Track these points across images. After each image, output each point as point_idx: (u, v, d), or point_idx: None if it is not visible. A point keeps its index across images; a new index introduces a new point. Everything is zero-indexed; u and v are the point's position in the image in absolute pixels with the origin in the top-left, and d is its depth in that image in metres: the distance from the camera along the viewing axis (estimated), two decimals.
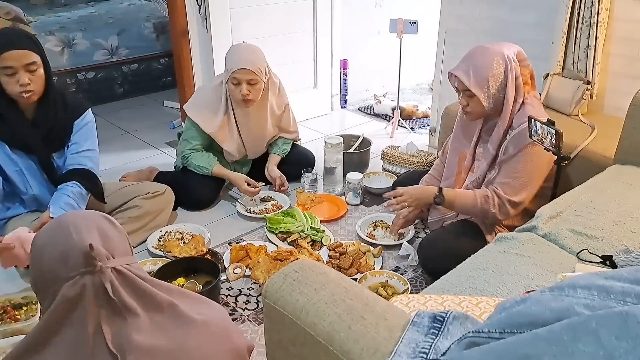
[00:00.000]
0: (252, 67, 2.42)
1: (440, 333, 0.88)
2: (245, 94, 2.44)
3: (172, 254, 2.17)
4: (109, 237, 1.08)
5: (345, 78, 3.97)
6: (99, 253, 1.02)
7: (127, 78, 4.30)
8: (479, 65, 1.88)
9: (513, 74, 1.90)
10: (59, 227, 1.07)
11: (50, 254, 1.04)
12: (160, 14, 4.18)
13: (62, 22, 4.28)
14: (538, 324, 0.69)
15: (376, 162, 3.05)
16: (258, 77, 2.45)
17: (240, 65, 2.41)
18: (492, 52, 1.90)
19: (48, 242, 1.06)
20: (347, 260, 2.12)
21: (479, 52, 1.92)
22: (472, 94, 1.89)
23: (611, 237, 1.54)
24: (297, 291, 1.04)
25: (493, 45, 1.94)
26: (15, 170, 2.03)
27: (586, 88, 2.47)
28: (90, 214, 1.13)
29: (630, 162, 2.00)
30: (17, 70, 1.87)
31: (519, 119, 1.92)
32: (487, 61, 1.88)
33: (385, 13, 3.94)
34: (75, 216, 1.10)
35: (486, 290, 1.34)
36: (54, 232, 1.08)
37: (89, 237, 1.03)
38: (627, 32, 2.45)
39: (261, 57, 2.51)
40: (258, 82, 2.46)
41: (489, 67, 1.88)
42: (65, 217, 1.11)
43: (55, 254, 1.03)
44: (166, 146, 3.38)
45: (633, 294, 0.67)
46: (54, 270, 1.03)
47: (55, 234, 1.06)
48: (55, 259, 1.03)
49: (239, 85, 2.43)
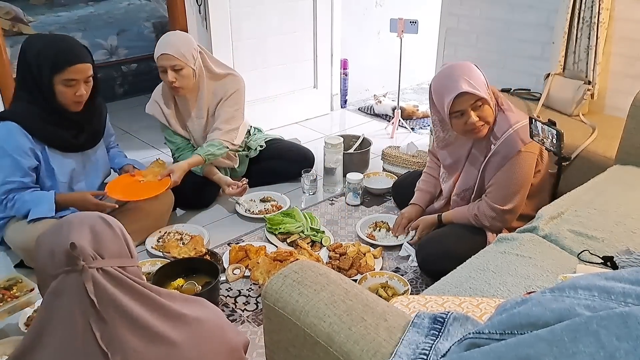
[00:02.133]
0: (174, 52, 2.35)
1: (441, 334, 0.87)
2: (171, 81, 2.38)
3: (171, 255, 2.17)
4: (101, 237, 1.08)
5: (346, 78, 3.96)
6: (82, 252, 1.03)
7: (127, 78, 4.30)
8: (471, 75, 1.85)
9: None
10: (56, 224, 1.10)
11: (43, 251, 1.07)
12: (159, 13, 4.18)
13: (61, 22, 4.28)
14: (539, 325, 0.68)
15: (376, 163, 3.05)
16: (182, 63, 2.37)
17: (161, 50, 2.37)
18: (467, 63, 1.90)
19: (43, 239, 1.09)
20: (347, 261, 2.11)
21: (459, 66, 1.88)
22: (483, 103, 1.86)
23: (612, 237, 1.54)
24: (297, 292, 1.04)
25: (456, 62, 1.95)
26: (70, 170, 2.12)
27: (587, 88, 2.47)
28: (89, 214, 1.13)
29: (631, 163, 1.99)
30: (78, 82, 1.94)
31: (499, 124, 1.91)
32: (473, 70, 1.88)
33: (386, 13, 3.94)
34: (75, 216, 1.13)
35: (487, 291, 1.34)
36: (50, 229, 1.10)
37: (77, 236, 1.04)
38: (627, 32, 2.45)
39: (187, 42, 2.41)
40: (183, 68, 2.38)
41: (478, 74, 1.88)
42: (65, 217, 1.13)
43: (46, 251, 1.06)
44: (166, 146, 3.36)
45: (634, 294, 0.67)
46: (45, 267, 1.06)
47: (50, 231, 1.09)
48: (45, 256, 1.06)
49: (165, 72, 2.39)
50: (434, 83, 1.95)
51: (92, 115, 2.14)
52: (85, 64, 1.94)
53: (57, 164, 2.07)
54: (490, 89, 1.92)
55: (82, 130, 2.12)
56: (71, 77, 1.92)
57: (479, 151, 1.98)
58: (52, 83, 1.92)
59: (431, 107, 2.03)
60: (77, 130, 2.10)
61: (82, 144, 2.14)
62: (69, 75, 1.91)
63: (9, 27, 3.81)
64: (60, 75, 1.91)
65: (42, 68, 1.90)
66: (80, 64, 1.92)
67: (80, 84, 1.95)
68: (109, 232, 1.10)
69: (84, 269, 1.02)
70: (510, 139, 1.86)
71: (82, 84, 1.96)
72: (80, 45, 2.01)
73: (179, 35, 2.48)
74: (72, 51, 1.93)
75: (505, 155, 1.88)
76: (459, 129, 1.92)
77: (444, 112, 1.89)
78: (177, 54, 2.36)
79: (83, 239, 1.05)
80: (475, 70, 1.88)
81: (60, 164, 2.08)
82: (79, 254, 1.02)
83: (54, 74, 1.91)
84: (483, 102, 1.85)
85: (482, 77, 1.88)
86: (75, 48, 1.96)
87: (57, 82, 1.92)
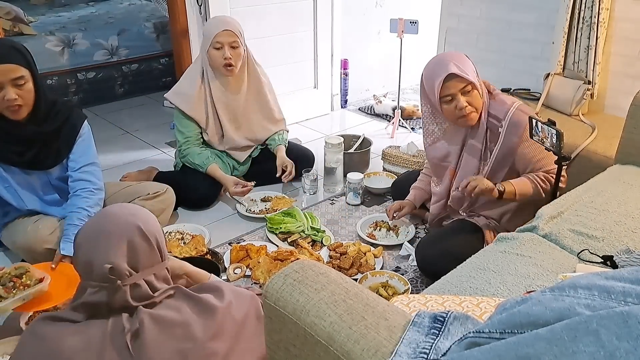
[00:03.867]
0: (234, 29, 2.46)
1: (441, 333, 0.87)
2: (228, 57, 2.45)
3: (172, 254, 2.17)
4: (137, 252, 1.17)
5: (346, 78, 3.96)
6: (119, 273, 1.13)
7: (127, 78, 4.30)
8: (460, 61, 1.88)
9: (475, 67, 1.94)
10: (94, 231, 1.18)
11: (82, 256, 1.17)
12: (160, 13, 4.18)
13: (62, 22, 4.29)
14: (539, 324, 0.69)
15: (377, 162, 3.05)
16: (239, 40, 2.48)
17: (222, 27, 2.45)
18: (457, 52, 1.95)
19: (82, 244, 1.18)
20: (348, 260, 2.11)
21: (449, 54, 1.93)
22: (471, 88, 1.88)
23: (612, 237, 1.54)
24: (298, 291, 1.04)
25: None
26: (6, 187, 1.97)
27: (587, 88, 2.47)
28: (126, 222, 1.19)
29: (631, 162, 1.99)
30: (4, 85, 1.78)
31: (496, 108, 1.93)
32: (463, 57, 1.91)
33: (386, 13, 3.94)
34: (112, 222, 1.19)
35: (487, 290, 1.34)
36: (88, 235, 1.18)
37: (114, 254, 1.14)
38: (627, 32, 2.45)
39: (238, 23, 2.54)
40: (239, 47, 2.49)
41: (468, 62, 1.91)
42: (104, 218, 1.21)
43: (85, 259, 1.16)
44: (166, 146, 3.38)
45: (634, 294, 0.67)
46: (84, 271, 1.17)
47: (89, 239, 1.17)
48: (84, 263, 1.16)
49: (221, 49, 2.45)
50: (425, 71, 1.98)
51: (39, 124, 1.92)
52: (7, 64, 1.77)
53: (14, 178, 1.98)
54: (481, 80, 1.94)
55: (30, 141, 1.93)
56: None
57: (478, 140, 1.98)
58: None
59: (422, 98, 2.05)
60: (23, 146, 1.92)
61: (28, 162, 1.95)
62: None
63: (10, 27, 3.82)
64: None
65: None
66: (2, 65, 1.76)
67: (7, 86, 1.78)
68: (145, 246, 1.18)
69: (119, 286, 1.13)
70: (515, 116, 1.88)
71: (10, 87, 1.79)
72: (6, 45, 1.85)
73: (230, 17, 2.59)
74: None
75: (517, 134, 1.88)
76: (449, 114, 1.93)
77: (434, 97, 1.91)
78: (237, 32, 2.47)
79: (120, 257, 1.14)
80: (465, 58, 1.91)
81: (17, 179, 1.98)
82: (117, 275, 1.12)
83: None
84: (472, 87, 1.87)
85: (472, 66, 1.91)
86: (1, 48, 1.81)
87: None
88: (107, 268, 1.11)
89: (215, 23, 2.50)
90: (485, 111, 1.94)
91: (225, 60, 2.46)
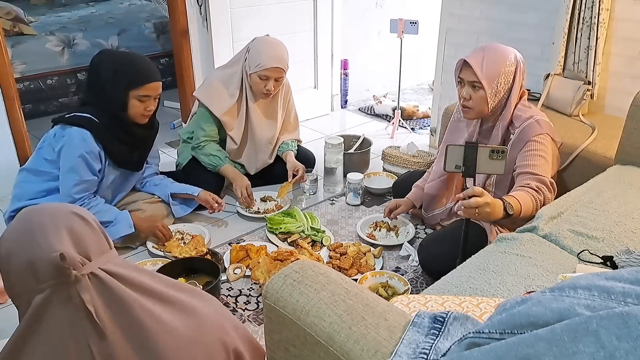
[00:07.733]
0: (284, 66, 2.50)
1: (441, 334, 0.88)
2: (270, 90, 2.50)
3: (172, 254, 2.17)
4: (82, 237, 0.97)
5: (346, 78, 3.97)
6: (71, 261, 0.92)
7: None
8: (494, 58, 1.86)
9: (521, 77, 1.91)
10: (25, 230, 0.96)
11: (17, 264, 0.93)
12: (160, 14, 4.18)
13: (62, 22, 4.28)
14: (539, 325, 0.69)
15: (377, 163, 3.05)
16: (284, 74, 2.54)
17: (274, 63, 2.46)
18: (507, 49, 1.90)
19: (14, 250, 0.94)
20: (348, 260, 2.12)
21: (495, 46, 1.90)
22: (479, 87, 1.87)
23: (612, 237, 1.54)
24: (298, 291, 1.04)
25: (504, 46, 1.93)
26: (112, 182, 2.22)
27: (587, 88, 2.47)
28: (57, 211, 1.00)
29: (631, 163, 1.99)
30: (150, 98, 2.08)
31: (519, 116, 1.92)
32: (502, 56, 1.87)
33: (386, 13, 3.94)
34: (41, 215, 0.98)
35: (487, 290, 1.34)
36: (19, 236, 0.96)
37: (58, 242, 0.93)
38: (627, 32, 2.45)
39: (287, 53, 2.55)
40: (283, 79, 2.56)
41: (503, 62, 1.86)
42: (29, 216, 0.98)
43: (23, 264, 0.93)
44: (166, 146, 3.38)
45: (634, 294, 0.67)
46: (24, 281, 0.94)
47: (21, 240, 0.95)
48: (23, 269, 0.93)
49: (267, 80, 2.48)
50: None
51: (151, 130, 2.25)
52: (159, 82, 2.10)
53: (107, 174, 2.18)
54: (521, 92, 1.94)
55: (137, 148, 2.22)
56: (147, 93, 2.06)
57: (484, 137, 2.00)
58: (126, 97, 2.04)
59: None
60: (132, 146, 2.19)
61: (134, 162, 2.26)
62: (146, 91, 2.05)
63: (10, 27, 3.81)
64: (137, 91, 2.03)
65: (118, 83, 2.02)
66: (156, 82, 2.07)
67: (152, 99, 2.09)
68: (87, 229, 0.99)
69: (77, 279, 0.92)
70: (530, 125, 1.88)
71: (153, 100, 2.10)
72: (154, 65, 2.15)
73: (283, 46, 2.55)
74: (151, 69, 2.08)
75: (524, 139, 1.87)
76: (458, 95, 1.96)
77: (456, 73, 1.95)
78: (285, 68, 2.51)
79: (65, 244, 0.93)
80: (502, 60, 1.86)
81: (109, 174, 2.19)
82: (69, 263, 0.91)
83: (130, 89, 2.03)
84: (481, 86, 1.86)
85: (502, 69, 1.86)
86: (153, 67, 2.10)
87: (132, 96, 2.04)
88: (57, 256, 0.89)
89: (267, 54, 2.46)
90: (504, 120, 1.93)
91: (267, 91, 2.51)
